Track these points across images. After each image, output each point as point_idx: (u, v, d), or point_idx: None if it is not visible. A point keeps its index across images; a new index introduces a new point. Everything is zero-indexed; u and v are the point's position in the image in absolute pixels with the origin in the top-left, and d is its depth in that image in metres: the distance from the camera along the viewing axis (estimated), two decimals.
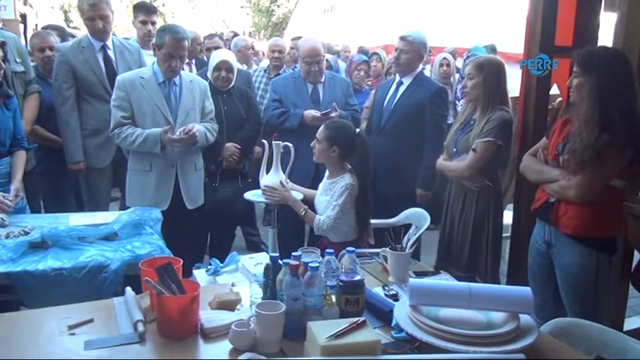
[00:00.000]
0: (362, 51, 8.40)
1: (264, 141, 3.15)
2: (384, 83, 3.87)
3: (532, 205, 2.50)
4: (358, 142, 2.71)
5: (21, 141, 2.94)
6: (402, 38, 3.51)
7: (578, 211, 2.26)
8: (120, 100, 3.10)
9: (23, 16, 9.63)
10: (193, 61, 4.84)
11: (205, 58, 4.75)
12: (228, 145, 3.58)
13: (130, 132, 3.06)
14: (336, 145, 2.68)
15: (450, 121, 4.74)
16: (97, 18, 3.43)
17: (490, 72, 2.80)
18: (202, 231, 3.71)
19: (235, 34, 7.38)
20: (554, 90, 3.11)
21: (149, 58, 3.76)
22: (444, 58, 5.44)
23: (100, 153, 3.37)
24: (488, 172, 2.83)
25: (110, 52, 3.55)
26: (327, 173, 2.84)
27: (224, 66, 3.59)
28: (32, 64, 3.70)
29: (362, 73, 4.93)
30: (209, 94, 3.36)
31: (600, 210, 2.25)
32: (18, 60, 3.37)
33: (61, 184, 3.47)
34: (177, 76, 3.20)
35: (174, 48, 3.05)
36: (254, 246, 4.58)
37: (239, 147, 3.61)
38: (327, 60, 4.99)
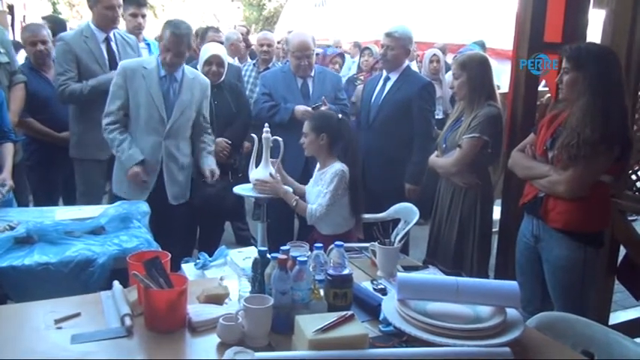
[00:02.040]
0: (356, 46, 8.40)
1: (253, 135, 3.14)
2: (371, 79, 3.87)
3: (520, 199, 2.52)
4: (343, 126, 2.78)
5: (8, 133, 2.91)
6: (388, 35, 3.50)
7: (567, 205, 2.28)
8: (117, 87, 3.07)
9: (11, 8, 9.51)
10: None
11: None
12: (218, 140, 3.56)
13: (118, 138, 3.05)
14: (323, 132, 2.73)
15: (439, 117, 4.76)
16: (116, 6, 3.47)
17: (473, 69, 2.84)
18: (192, 225, 3.70)
19: (248, 31, 7.25)
20: (543, 86, 3.13)
21: (142, 51, 3.83)
22: (434, 54, 5.45)
23: (102, 145, 3.33)
24: (477, 168, 2.85)
25: (113, 44, 3.55)
26: (317, 166, 2.85)
27: (215, 60, 3.57)
28: (24, 55, 3.66)
29: (337, 66, 4.86)
30: (209, 93, 3.34)
31: (589, 205, 2.26)
32: (2, 51, 3.33)
33: (51, 177, 3.44)
34: (180, 72, 3.16)
35: (171, 42, 3.02)
36: (243, 240, 4.57)
37: (229, 142, 3.59)
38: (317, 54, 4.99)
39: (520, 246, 2.56)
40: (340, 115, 2.91)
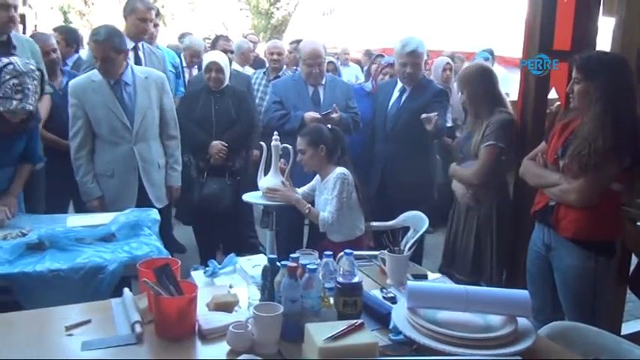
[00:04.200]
0: (367, 54, 8.40)
1: (262, 143, 3.16)
2: (384, 86, 3.86)
3: (531, 208, 2.50)
4: (336, 134, 2.88)
5: (31, 157, 2.89)
6: (412, 53, 3.47)
7: (578, 214, 2.27)
8: (74, 107, 3.10)
9: (22, 17, 9.63)
10: (196, 66, 4.90)
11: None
12: (214, 142, 3.64)
13: (83, 169, 3.12)
14: (321, 143, 2.78)
15: (448, 124, 4.75)
16: (148, 20, 3.64)
17: (471, 82, 2.87)
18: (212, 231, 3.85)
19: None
20: (553, 94, 3.12)
21: None
22: (447, 62, 5.45)
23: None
24: (494, 176, 2.83)
25: (140, 53, 3.69)
26: (318, 178, 2.88)
27: (214, 67, 3.65)
28: None
29: (387, 77, 4.77)
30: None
31: (600, 213, 2.25)
32: (33, 62, 3.38)
33: (60, 184, 3.46)
34: (130, 75, 3.15)
35: (94, 50, 3.06)
36: (252, 248, 4.57)
37: (226, 145, 3.64)
38: (331, 62, 5.02)
39: (531, 255, 2.54)
40: (329, 126, 2.99)
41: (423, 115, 3.27)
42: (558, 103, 3.27)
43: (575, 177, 2.23)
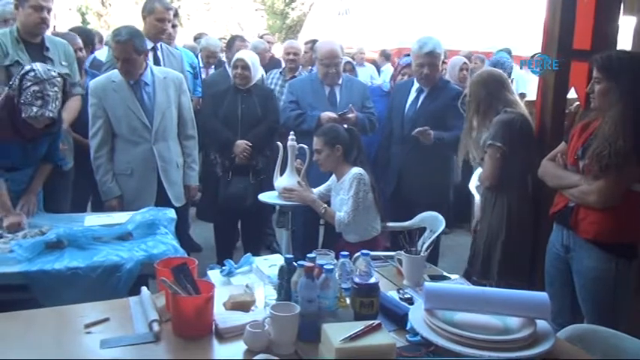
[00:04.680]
0: (383, 54, 8.37)
1: (278, 143, 3.16)
2: (400, 87, 3.84)
3: (550, 209, 2.47)
4: (352, 134, 2.89)
5: (51, 158, 2.91)
6: (429, 54, 3.46)
7: (598, 216, 2.24)
8: (95, 107, 3.14)
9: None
10: (213, 67, 4.93)
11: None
12: (238, 142, 3.66)
13: (103, 168, 3.15)
14: (338, 143, 2.78)
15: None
16: (166, 20, 3.68)
17: (472, 89, 2.91)
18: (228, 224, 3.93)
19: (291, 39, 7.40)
20: (571, 94, 3.08)
21: None
22: (465, 62, 5.42)
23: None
24: (506, 176, 2.80)
25: (159, 53, 3.72)
26: (334, 178, 2.87)
27: (240, 64, 3.69)
28: None
29: (406, 77, 4.74)
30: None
31: (621, 215, 2.22)
32: (64, 63, 3.42)
33: (80, 182, 3.50)
34: (149, 75, 3.19)
35: (116, 50, 3.08)
36: (268, 246, 4.59)
37: (250, 144, 3.66)
38: (349, 62, 5.02)
39: (550, 256, 2.51)
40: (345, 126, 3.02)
41: (418, 130, 3.31)
42: (577, 103, 3.23)
43: (595, 178, 2.20)
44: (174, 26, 4.26)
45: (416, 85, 3.60)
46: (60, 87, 2.59)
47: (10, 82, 2.61)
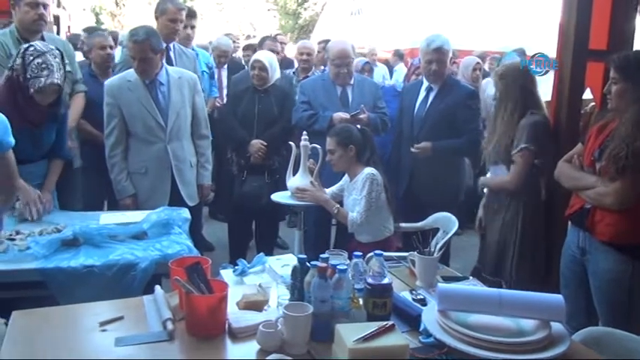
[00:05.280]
0: (397, 54, 8.35)
1: (291, 143, 3.17)
2: (410, 87, 3.84)
3: (566, 210, 2.45)
4: (365, 134, 2.87)
5: (58, 151, 2.95)
6: (437, 49, 3.44)
7: (614, 217, 2.22)
8: (110, 106, 3.16)
9: (57, 18, 9.84)
10: (226, 66, 4.96)
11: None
12: (254, 142, 3.68)
13: (118, 167, 3.17)
14: (351, 144, 2.78)
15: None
16: (178, 20, 3.70)
17: (498, 85, 2.81)
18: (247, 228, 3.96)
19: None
20: (587, 94, 3.05)
21: None
22: (478, 62, 5.40)
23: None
24: (530, 178, 2.77)
25: (171, 53, 3.74)
26: (346, 178, 2.87)
27: (257, 65, 3.73)
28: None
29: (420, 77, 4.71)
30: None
31: (638, 217, 2.19)
32: (67, 61, 3.46)
33: (99, 180, 3.53)
34: (164, 75, 3.21)
35: (132, 50, 3.09)
36: (279, 244, 4.59)
37: (265, 144, 3.67)
38: (368, 63, 5.02)
39: (565, 258, 2.49)
40: (358, 126, 2.99)
41: (416, 147, 3.34)
42: (593, 103, 3.21)
43: (611, 180, 2.18)
44: (192, 27, 4.31)
45: (425, 83, 3.58)
46: (59, 58, 2.66)
47: (10, 64, 2.67)
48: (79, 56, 4.56)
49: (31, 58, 2.57)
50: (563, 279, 2.52)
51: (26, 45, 2.64)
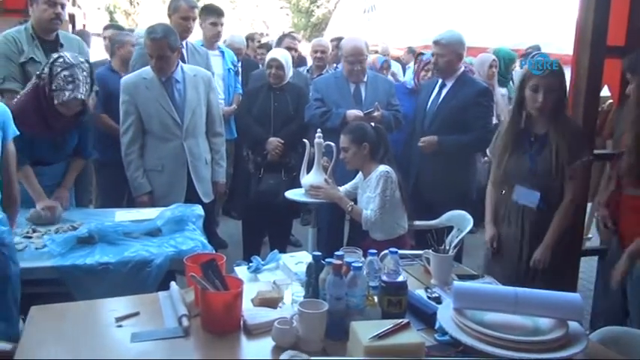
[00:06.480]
0: (410, 52, 8.29)
1: (305, 140, 3.16)
2: (427, 84, 3.82)
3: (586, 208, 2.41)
4: (379, 132, 2.86)
5: (82, 152, 2.96)
6: (436, 43, 3.46)
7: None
8: (126, 104, 3.18)
9: (72, 17, 9.91)
10: (239, 63, 4.96)
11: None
12: (271, 139, 3.68)
13: (134, 164, 3.19)
14: (365, 141, 2.77)
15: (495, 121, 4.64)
16: (191, 18, 3.73)
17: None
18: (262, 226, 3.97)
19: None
20: (605, 92, 3.01)
21: (215, 59, 4.16)
22: (494, 59, 5.34)
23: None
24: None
25: (184, 51, 3.73)
26: (360, 176, 2.86)
27: (274, 64, 3.72)
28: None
29: (429, 74, 4.64)
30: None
31: None
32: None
33: (118, 176, 3.54)
34: (180, 72, 3.22)
35: (150, 48, 3.09)
36: (292, 242, 4.59)
37: (282, 141, 3.67)
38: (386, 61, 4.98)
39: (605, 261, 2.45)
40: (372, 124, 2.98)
41: (422, 140, 3.35)
42: (611, 101, 3.17)
43: None
44: (221, 25, 4.36)
45: (439, 80, 3.57)
46: (88, 72, 2.67)
47: (38, 72, 2.68)
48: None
49: (59, 69, 2.58)
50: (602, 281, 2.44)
51: (56, 55, 2.65)
